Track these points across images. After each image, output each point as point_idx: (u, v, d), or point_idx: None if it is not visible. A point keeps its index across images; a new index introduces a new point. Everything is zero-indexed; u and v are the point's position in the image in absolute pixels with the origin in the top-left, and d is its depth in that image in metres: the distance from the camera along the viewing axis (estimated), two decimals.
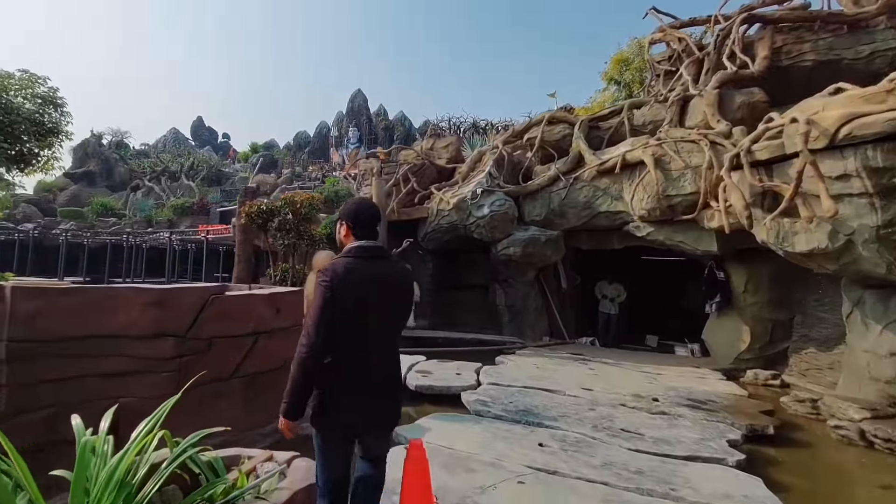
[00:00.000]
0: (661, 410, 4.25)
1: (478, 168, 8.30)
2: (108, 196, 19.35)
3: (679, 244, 7.18)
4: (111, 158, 22.43)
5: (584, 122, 8.01)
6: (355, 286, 1.67)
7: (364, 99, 26.56)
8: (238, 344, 3.29)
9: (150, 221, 15.42)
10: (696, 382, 5.45)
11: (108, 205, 16.93)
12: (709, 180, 6.48)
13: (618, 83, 10.73)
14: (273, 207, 6.42)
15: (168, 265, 11.90)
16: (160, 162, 22.27)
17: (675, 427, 3.79)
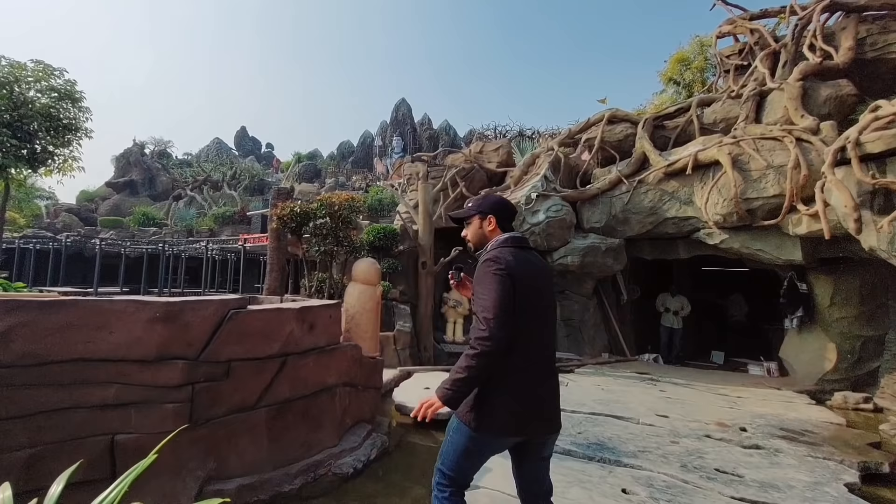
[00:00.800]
0: (755, 444, 3.77)
1: (531, 171, 7.87)
2: (151, 206, 20.04)
3: (757, 253, 6.66)
4: (153, 168, 23.23)
5: (649, 120, 7.50)
6: (526, 274, 1.64)
7: (408, 108, 26.66)
8: (263, 367, 2.88)
9: (191, 231, 15.64)
10: (784, 408, 4.97)
11: (149, 214, 17.44)
12: (795, 181, 5.96)
13: (677, 84, 10.16)
14: (308, 210, 5.70)
15: (205, 275, 11.71)
16: (202, 171, 22.89)
17: (777, 466, 3.32)
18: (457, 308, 7.81)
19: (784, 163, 6.17)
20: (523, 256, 1.70)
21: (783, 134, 6.48)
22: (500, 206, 1.84)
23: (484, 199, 1.89)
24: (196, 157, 28.39)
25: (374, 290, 4.52)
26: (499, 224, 1.81)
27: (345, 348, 3.76)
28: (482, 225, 1.83)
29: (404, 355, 6.60)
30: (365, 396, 4.12)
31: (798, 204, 5.91)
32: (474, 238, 1.85)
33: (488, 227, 1.81)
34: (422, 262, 7.26)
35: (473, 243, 1.86)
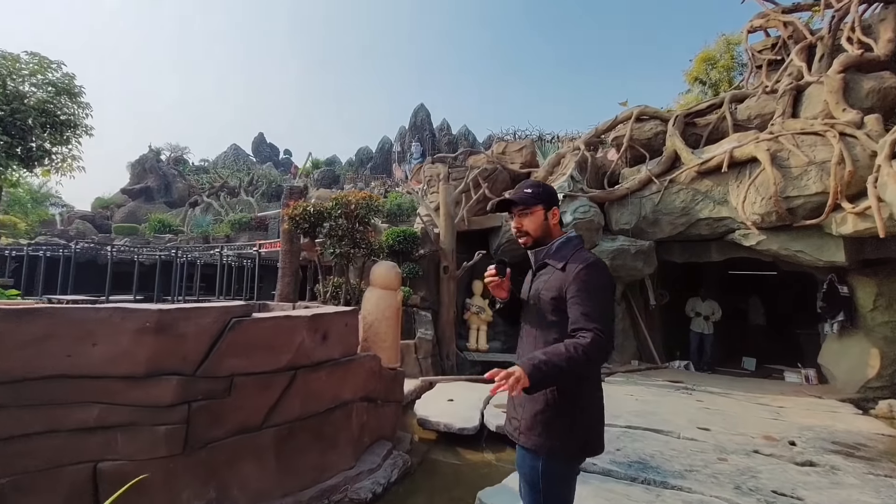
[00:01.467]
0: (809, 460, 3.47)
1: (556, 172, 7.62)
2: (167, 212, 20.05)
3: (796, 255, 6.31)
4: (169, 174, 23.32)
5: (679, 117, 7.21)
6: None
7: (427, 113, 26.61)
8: (270, 382, 2.62)
9: (207, 237, 15.63)
10: (831, 419, 4.69)
11: (165, 221, 17.46)
12: (839, 177, 5.63)
13: (703, 83, 9.84)
14: (322, 209, 5.28)
15: (219, 282, 11.50)
16: (219, 177, 22.95)
17: (839, 486, 3.03)
18: (480, 314, 7.55)
19: (827, 159, 5.83)
20: None
21: (825, 128, 6.15)
22: (556, 198, 1.72)
23: (544, 189, 1.68)
24: (213, 164, 28.59)
25: (393, 296, 4.28)
26: (560, 219, 1.70)
27: (362, 359, 3.53)
28: (547, 217, 1.65)
29: (426, 364, 6.35)
30: (385, 411, 3.89)
31: (843, 202, 5.59)
32: (537, 231, 1.65)
33: (553, 221, 1.66)
34: (443, 266, 7.03)
35: (534, 237, 1.66)
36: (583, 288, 1.45)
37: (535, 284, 1.62)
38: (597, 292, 1.45)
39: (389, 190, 14.95)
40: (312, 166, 26.10)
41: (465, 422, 4.48)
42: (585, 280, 1.46)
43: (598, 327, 1.38)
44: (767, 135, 6.50)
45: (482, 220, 7.70)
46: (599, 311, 1.42)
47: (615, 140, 7.73)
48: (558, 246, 1.61)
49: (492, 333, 7.72)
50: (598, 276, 1.49)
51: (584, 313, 1.41)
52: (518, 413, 1.56)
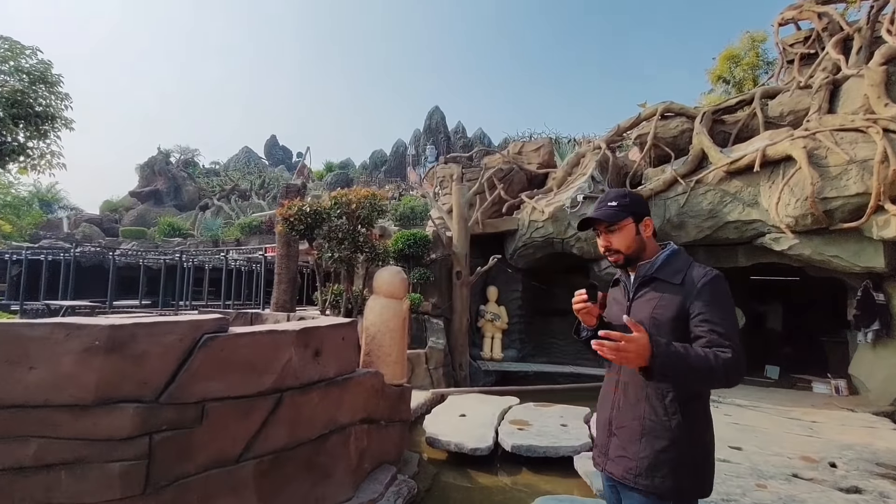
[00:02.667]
0: (854, 485, 3.16)
1: (576, 172, 7.26)
2: (176, 216, 19.93)
3: (831, 260, 5.89)
4: (179, 177, 23.24)
5: (707, 114, 6.81)
6: None
7: (441, 116, 26.41)
8: (251, 408, 2.29)
9: (217, 241, 15.47)
10: (869, 435, 4.37)
11: (175, 224, 17.32)
12: (882, 176, 5.20)
13: (727, 82, 9.39)
14: (320, 209, 4.75)
15: (224, 287, 11.08)
16: (230, 180, 22.86)
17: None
18: (495, 322, 7.18)
19: (869, 157, 5.40)
20: None
21: (868, 124, 5.69)
22: (647, 207, 1.55)
23: (632, 198, 1.52)
24: (224, 167, 28.57)
25: (399, 305, 3.96)
26: (654, 229, 1.53)
27: (362, 377, 3.21)
28: (639, 230, 1.48)
29: (437, 375, 6.00)
30: (388, 433, 3.56)
31: (886, 203, 5.17)
32: (629, 247, 1.47)
33: (647, 233, 1.50)
34: (456, 271, 6.68)
35: (626, 254, 1.48)
36: (713, 302, 1.30)
37: (640, 303, 1.43)
38: (728, 308, 1.31)
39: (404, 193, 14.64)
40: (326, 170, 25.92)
41: (478, 441, 4.17)
42: (716, 292, 1.32)
43: (735, 349, 1.24)
44: (803, 131, 6.06)
45: (497, 222, 7.34)
46: (735, 330, 1.28)
47: (639, 138, 7.34)
48: (666, 259, 1.45)
49: (507, 341, 7.35)
50: (727, 289, 1.35)
51: (718, 332, 1.25)
52: (630, 451, 1.36)
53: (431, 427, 4.62)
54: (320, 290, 5.01)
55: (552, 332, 7.88)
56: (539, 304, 7.87)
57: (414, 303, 6.21)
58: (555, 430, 4.48)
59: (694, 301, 1.31)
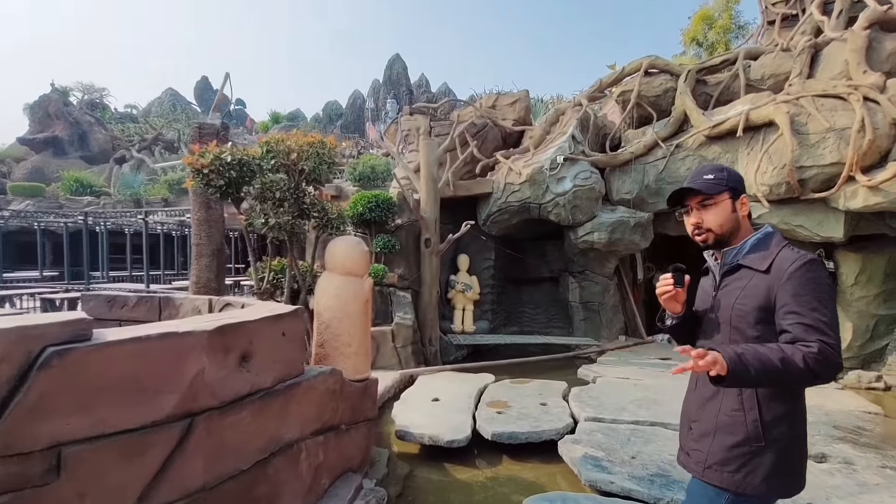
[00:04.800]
0: (821, 452, 3.35)
1: (555, 131, 6.58)
2: (85, 169, 16.60)
3: (796, 229, 5.86)
4: (84, 122, 19.06)
5: (692, 73, 6.37)
6: None
7: (403, 66, 24.02)
8: (142, 445, 1.65)
9: (139, 201, 13.22)
10: (819, 395, 4.65)
11: (84, 180, 14.35)
12: (858, 146, 5.06)
13: (699, 45, 8.95)
14: (247, 158, 3.40)
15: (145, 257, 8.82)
16: (151, 128, 19.44)
17: (865, 489, 2.88)
18: (466, 293, 6.59)
19: (847, 125, 5.24)
20: None
21: (849, 90, 5.53)
22: (742, 183, 1.39)
23: (730, 173, 1.37)
24: (143, 112, 24.44)
25: (359, 284, 3.22)
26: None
27: (314, 380, 2.58)
28: (736, 208, 1.34)
29: (405, 353, 5.36)
30: (351, 437, 3.02)
31: (857, 174, 5.08)
32: (722, 226, 1.33)
33: (743, 212, 1.35)
34: (425, 238, 5.92)
35: (718, 233, 1.33)
36: (802, 291, 1.16)
37: (725, 293, 1.32)
38: (822, 296, 1.16)
39: (363, 151, 13.20)
40: (272, 121, 23.05)
41: (455, 431, 3.69)
42: (805, 280, 1.17)
43: (825, 340, 1.11)
44: (786, 96, 5.78)
45: (470, 184, 6.58)
46: (827, 319, 1.14)
47: (621, 96, 6.75)
48: (754, 244, 1.31)
49: (478, 313, 6.84)
50: (821, 275, 1.20)
51: (805, 324, 1.13)
52: (703, 445, 1.30)
53: (402, 416, 4.08)
54: (254, 266, 3.83)
55: (523, 301, 7.55)
56: (511, 273, 7.42)
57: (378, 275, 5.41)
58: (535, 410, 4.16)
59: (780, 290, 1.19)
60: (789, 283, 1.17)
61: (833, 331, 1.13)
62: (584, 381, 5.28)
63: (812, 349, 1.09)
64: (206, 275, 4.05)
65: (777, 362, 1.08)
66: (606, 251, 6.51)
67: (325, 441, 2.70)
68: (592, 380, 5.17)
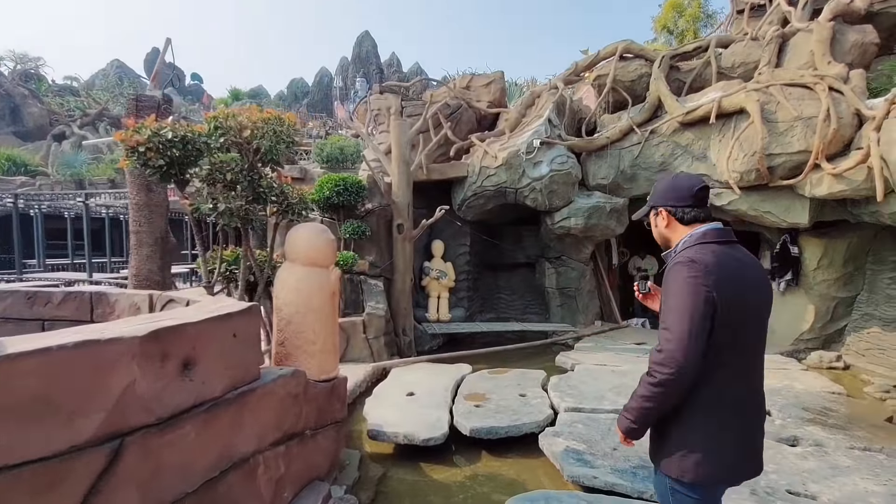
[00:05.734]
0: (793, 435, 3.38)
1: (531, 114, 6.27)
2: (19, 146, 14.70)
3: (763, 215, 5.96)
4: (16, 94, 16.79)
5: (666, 58, 6.23)
6: (735, 282, 1.24)
7: (373, 44, 22.65)
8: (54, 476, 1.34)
9: (82, 181, 11.88)
10: (786, 377, 4.73)
11: (17, 158, 12.71)
12: (824, 135, 5.11)
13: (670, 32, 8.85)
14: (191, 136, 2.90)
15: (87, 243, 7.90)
16: (95, 102, 17.42)
17: (838, 471, 2.91)
18: (441, 280, 6.27)
19: (814, 114, 5.27)
20: (730, 256, 1.29)
21: (815, 80, 5.57)
22: (672, 191, 1.39)
23: (654, 188, 1.49)
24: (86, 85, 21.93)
25: (325, 276, 2.85)
26: (675, 216, 1.38)
27: (273, 384, 2.28)
28: (656, 222, 1.46)
29: (377, 345, 5.01)
30: (317, 443, 2.73)
31: (823, 162, 5.14)
32: (659, 241, 1.49)
33: (663, 224, 1.43)
34: (397, 224, 5.53)
35: (659, 241, 1.49)
36: (663, 291, 1.31)
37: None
38: (673, 294, 1.25)
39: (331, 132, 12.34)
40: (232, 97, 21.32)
41: (431, 428, 3.44)
42: (668, 284, 1.29)
43: (669, 337, 1.22)
44: (756, 84, 5.75)
45: (444, 167, 6.19)
46: (670, 319, 1.24)
47: (597, 80, 6.53)
48: (678, 247, 1.37)
49: (454, 300, 6.55)
50: (676, 273, 1.26)
51: (662, 322, 1.27)
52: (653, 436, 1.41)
53: (374, 413, 3.77)
54: (202, 256, 3.22)
55: (499, 287, 7.34)
56: (487, 259, 7.15)
57: (347, 262, 4.98)
58: (514, 402, 3.97)
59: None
60: (663, 284, 1.31)
61: (673, 329, 1.21)
62: (563, 368, 5.15)
63: (650, 370, 1.27)
64: (147, 266, 3.48)
65: (642, 402, 1.28)
66: (583, 237, 6.37)
67: (286, 451, 2.39)
68: (571, 367, 5.05)
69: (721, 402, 1.26)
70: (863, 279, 5.80)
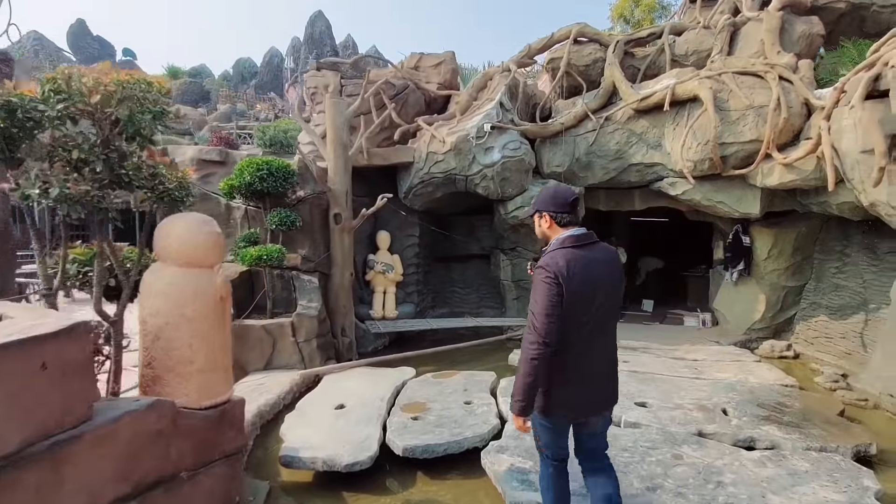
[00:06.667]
0: (749, 437, 3.20)
1: (482, 97, 5.72)
2: None
3: (716, 205, 5.79)
4: None
5: (620, 43, 5.88)
6: (580, 279, 1.64)
7: (327, 24, 20.98)
8: None
9: None
10: (740, 369, 4.62)
11: None
12: (774, 124, 4.93)
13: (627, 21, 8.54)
14: (18, 102, 2.06)
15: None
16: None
17: (796, 477, 2.71)
18: (387, 274, 5.64)
19: (764, 103, 5.08)
20: (581, 256, 1.67)
21: (766, 69, 5.41)
22: (553, 199, 1.76)
23: (539, 194, 1.86)
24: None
25: (206, 278, 2.28)
26: (556, 220, 1.75)
27: (116, 424, 1.76)
28: (540, 223, 1.82)
29: (309, 349, 4.37)
30: (200, 486, 2.18)
31: (773, 151, 4.96)
32: (540, 237, 1.86)
33: (545, 226, 1.79)
34: (334, 213, 4.87)
35: (540, 238, 1.88)
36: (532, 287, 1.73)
37: None
38: (535, 291, 1.67)
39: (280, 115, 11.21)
40: (169, 76, 19.26)
41: (357, 450, 2.87)
42: (533, 280, 1.73)
43: (535, 323, 1.62)
44: (709, 72, 5.48)
45: (388, 153, 5.53)
46: (534, 309, 1.64)
47: (550, 63, 6.05)
48: (547, 250, 1.76)
49: (402, 295, 5.95)
50: (537, 275, 1.69)
51: (530, 311, 1.68)
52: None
53: (293, 433, 3.16)
54: (39, 256, 2.34)
55: (453, 280, 6.81)
56: (439, 251, 6.59)
57: (272, 257, 4.26)
58: (458, 411, 3.48)
59: None
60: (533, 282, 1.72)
61: (537, 317, 1.61)
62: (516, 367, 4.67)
63: (525, 349, 1.67)
64: None
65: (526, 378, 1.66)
66: None
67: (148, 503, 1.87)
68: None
69: (572, 362, 1.69)
70: (811, 268, 5.78)
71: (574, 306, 1.59)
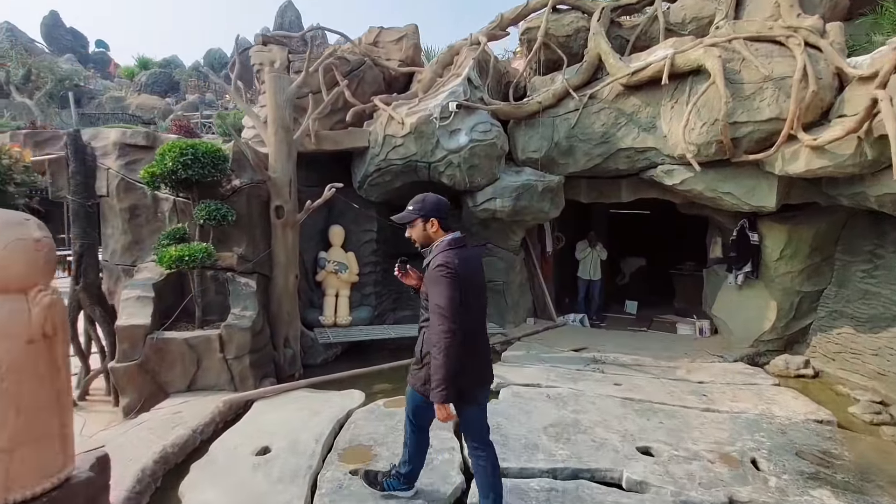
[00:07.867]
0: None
1: (448, 74, 4.83)
2: None
3: (723, 196, 4.77)
4: None
5: (606, 10, 4.96)
6: (468, 272, 1.87)
7: (297, 15, 20.33)
8: None
9: None
10: (759, 398, 3.71)
11: None
12: (800, 98, 3.91)
13: None
14: None
15: None
16: None
17: None
18: (340, 273, 4.82)
19: (786, 74, 4.07)
20: (464, 255, 1.89)
21: (788, 33, 4.37)
22: (442, 207, 1.97)
23: (424, 202, 1.97)
24: None
25: (13, 310, 1.45)
26: (441, 225, 1.94)
27: None
28: (426, 227, 1.94)
29: (240, 367, 3.60)
30: None
31: (799, 132, 3.94)
32: (420, 239, 1.98)
33: (432, 229, 1.94)
34: (276, 206, 4.10)
35: (419, 243, 2.00)
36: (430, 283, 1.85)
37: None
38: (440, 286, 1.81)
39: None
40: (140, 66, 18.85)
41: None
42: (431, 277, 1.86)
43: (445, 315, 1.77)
44: (716, 38, 4.47)
45: (339, 136, 4.70)
46: (442, 303, 1.78)
47: (525, 34, 5.12)
48: (434, 249, 1.93)
49: (358, 298, 5.12)
50: (438, 273, 1.82)
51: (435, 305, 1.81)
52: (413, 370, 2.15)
53: (192, 497, 2.33)
54: None
55: None
56: (400, 247, 5.67)
57: (197, 257, 3.51)
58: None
59: (427, 281, 1.88)
60: (428, 278, 1.87)
61: (446, 310, 1.77)
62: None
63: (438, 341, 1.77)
64: None
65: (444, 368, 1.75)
66: (511, 221, 5.04)
67: None
68: (495, 389, 3.63)
69: (472, 343, 1.90)
70: (831, 271, 4.75)
71: (468, 295, 1.82)
